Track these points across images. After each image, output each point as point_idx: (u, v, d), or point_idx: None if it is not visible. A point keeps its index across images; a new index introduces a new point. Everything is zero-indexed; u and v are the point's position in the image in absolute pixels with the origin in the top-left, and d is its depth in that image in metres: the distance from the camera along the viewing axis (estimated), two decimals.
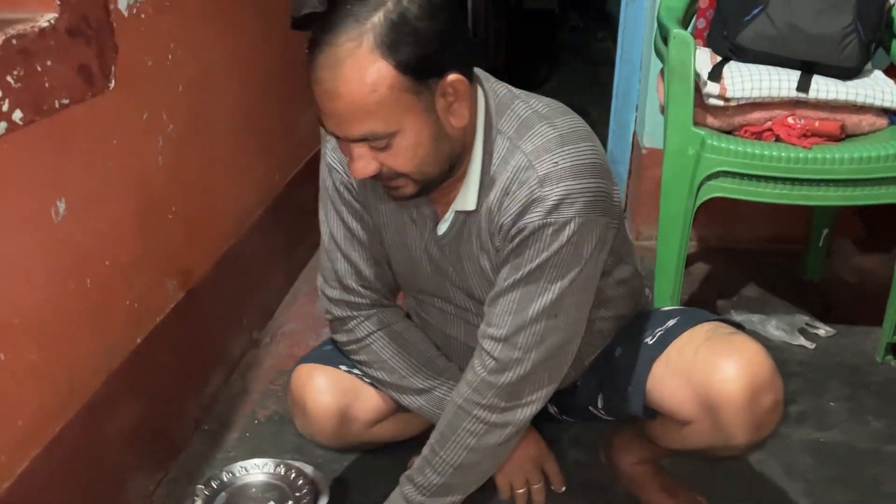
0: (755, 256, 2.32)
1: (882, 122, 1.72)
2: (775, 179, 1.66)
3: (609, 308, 1.20)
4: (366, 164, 0.94)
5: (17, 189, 1.02)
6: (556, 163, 0.98)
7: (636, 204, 2.43)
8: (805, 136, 1.69)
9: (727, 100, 1.73)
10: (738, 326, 1.21)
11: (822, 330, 1.93)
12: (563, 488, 1.30)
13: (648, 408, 1.17)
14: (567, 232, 0.98)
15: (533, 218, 0.98)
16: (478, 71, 1.05)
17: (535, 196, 0.98)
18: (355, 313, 1.20)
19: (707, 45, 1.89)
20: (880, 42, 1.80)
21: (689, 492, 1.35)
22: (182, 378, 1.52)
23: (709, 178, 1.71)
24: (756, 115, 1.75)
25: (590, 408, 1.26)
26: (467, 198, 1.03)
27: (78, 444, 1.17)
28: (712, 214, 2.32)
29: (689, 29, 2.00)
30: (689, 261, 2.29)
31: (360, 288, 1.19)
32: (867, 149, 1.63)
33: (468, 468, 1.07)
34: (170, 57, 1.39)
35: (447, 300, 1.18)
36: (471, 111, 0.99)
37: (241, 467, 1.29)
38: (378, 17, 0.88)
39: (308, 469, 1.26)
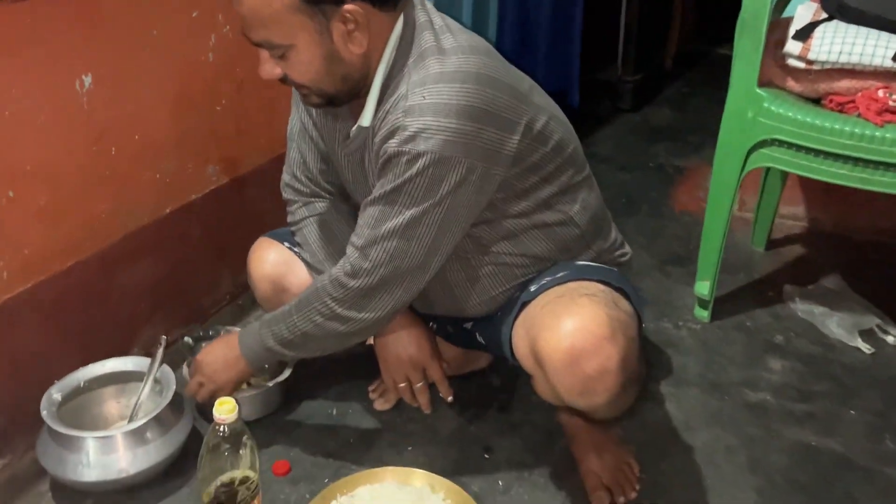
0: (868, 249, 2.08)
1: None
2: (833, 156, 1.49)
3: (517, 245, 1.21)
4: (270, 67, 1.07)
5: (47, 55, 1.23)
6: (423, 97, 1.02)
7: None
8: (893, 112, 1.48)
9: (809, 62, 1.56)
10: (625, 294, 1.18)
11: (892, 337, 1.72)
12: (450, 398, 1.33)
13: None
14: (419, 164, 1.02)
15: (392, 144, 1.04)
16: None
17: (399, 124, 1.03)
18: (297, 198, 1.35)
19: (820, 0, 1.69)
20: None
21: (621, 452, 1.33)
22: (217, 254, 1.72)
23: (761, 144, 1.56)
24: (844, 84, 1.56)
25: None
26: (365, 115, 1.11)
27: (89, 282, 1.40)
28: (831, 197, 2.12)
29: None
30: (792, 240, 2.13)
31: (304, 178, 1.33)
32: None
33: (312, 338, 1.18)
34: None
35: None
36: (375, 39, 1.06)
37: (227, 328, 1.47)
38: None
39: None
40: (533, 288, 1.20)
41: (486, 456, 1.39)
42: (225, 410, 1.05)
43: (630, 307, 1.17)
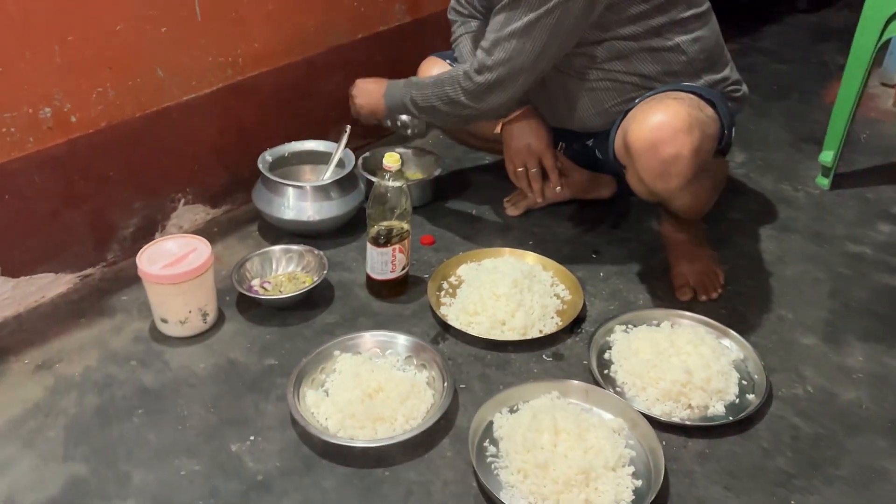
0: None
1: None
2: None
3: (627, 65, 1.42)
4: None
5: None
6: None
7: None
8: None
9: None
10: (713, 104, 1.34)
11: None
12: (558, 188, 1.58)
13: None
14: None
15: None
16: None
17: None
18: (458, 18, 1.66)
19: None
20: None
21: (710, 262, 1.53)
22: None
23: None
24: None
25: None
26: None
27: (297, 79, 1.78)
28: None
29: None
30: None
31: (464, 1, 1.63)
32: None
33: (437, 112, 1.48)
34: None
35: None
36: None
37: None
38: None
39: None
40: (637, 100, 1.42)
41: (594, 256, 1.65)
42: (391, 160, 1.39)
43: (713, 113, 1.34)
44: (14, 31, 1.27)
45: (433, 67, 1.68)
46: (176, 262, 1.33)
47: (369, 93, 1.61)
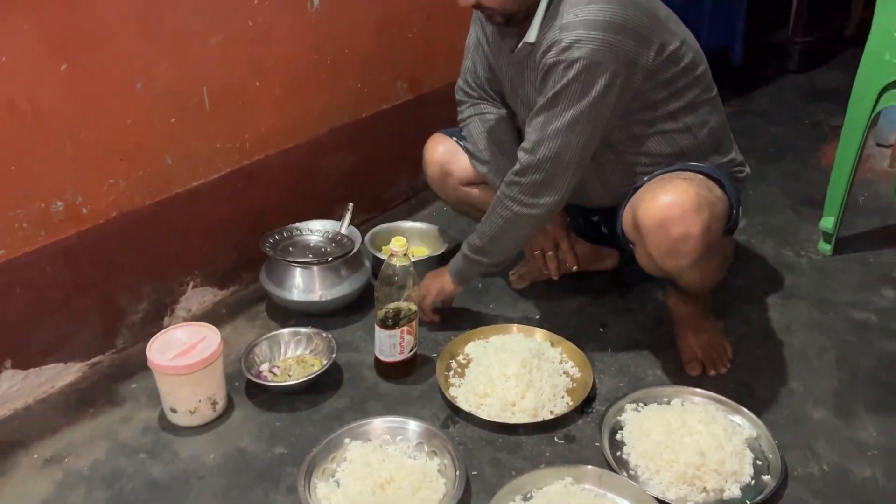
0: None
1: None
2: None
3: (639, 146, 1.45)
4: None
5: None
6: (576, 15, 1.28)
7: None
8: None
9: None
10: (721, 184, 1.38)
11: None
12: (575, 267, 1.62)
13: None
14: (574, 70, 1.28)
15: (550, 56, 1.31)
16: None
17: (556, 39, 1.30)
18: (467, 100, 1.66)
19: None
20: None
21: (717, 335, 1.54)
22: (398, 158, 2.10)
23: (893, 85, 1.68)
24: None
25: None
26: (531, 33, 1.37)
27: (303, 160, 1.82)
28: None
29: None
30: None
31: (474, 83, 1.64)
32: None
33: (499, 239, 1.47)
34: None
35: (520, 114, 1.56)
36: None
37: (308, 228, 1.76)
38: None
39: (356, 236, 1.71)
40: (645, 178, 1.44)
41: (601, 330, 1.65)
42: (398, 244, 1.40)
43: (722, 193, 1.38)
44: (26, 128, 1.30)
45: (439, 145, 1.71)
46: (185, 352, 1.34)
47: (440, 289, 1.58)
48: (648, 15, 1.34)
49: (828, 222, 1.89)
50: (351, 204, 1.76)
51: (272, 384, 1.44)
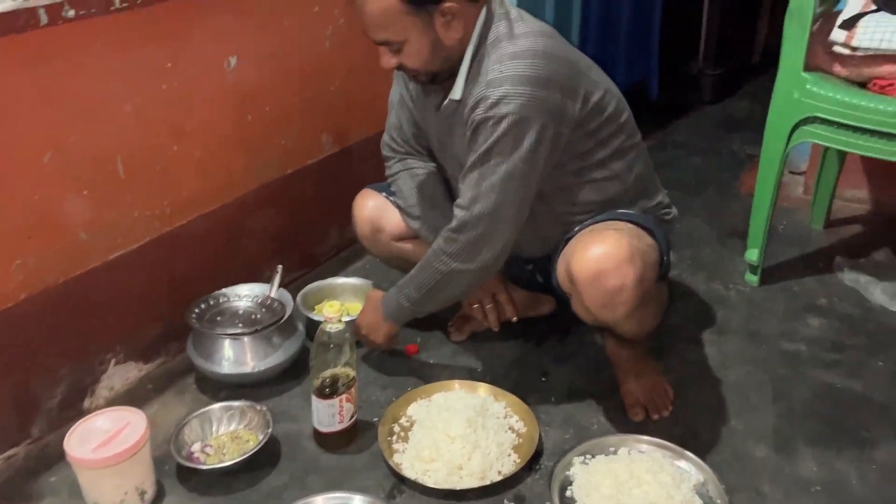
0: None
1: None
2: (870, 132, 1.65)
3: (570, 196, 1.45)
4: (387, 59, 1.34)
5: (202, 40, 1.58)
6: (502, 71, 1.28)
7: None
8: None
9: (853, 49, 1.72)
10: (650, 232, 1.40)
11: None
12: (515, 318, 1.61)
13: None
14: (504, 125, 1.27)
15: (479, 112, 1.30)
16: None
17: (483, 95, 1.29)
18: (394, 155, 1.64)
19: None
20: None
21: (658, 378, 1.55)
22: (328, 212, 2.05)
23: (804, 122, 1.74)
24: (886, 69, 1.72)
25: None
26: (457, 90, 1.37)
27: (229, 222, 1.75)
28: (893, 178, 2.23)
29: None
30: (851, 221, 2.27)
31: (400, 139, 1.62)
32: None
33: (437, 292, 1.44)
34: None
35: (449, 169, 1.55)
36: (467, 26, 1.32)
37: (236, 293, 1.69)
38: None
39: (287, 299, 1.65)
40: (577, 228, 1.45)
41: (543, 379, 1.64)
42: (332, 310, 1.36)
43: (653, 241, 1.39)
44: None
45: (368, 201, 1.68)
46: (108, 442, 1.25)
47: (375, 326, 1.56)
48: (572, 67, 1.35)
49: (752, 254, 1.94)
50: (280, 266, 1.70)
51: (205, 467, 1.36)
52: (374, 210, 1.66)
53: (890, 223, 2.24)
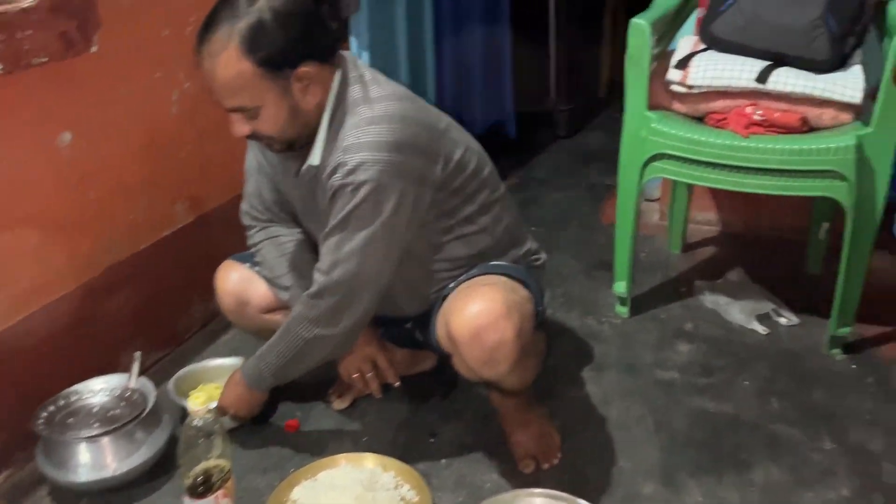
0: (770, 245, 2.34)
1: (846, 116, 1.73)
2: (712, 165, 1.75)
3: (441, 253, 1.44)
4: (240, 126, 1.29)
5: (31, 118, 1.45)
6: (359, 137, 1.26)
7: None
8: (758, 125, 1.75)
9: (689, 87, 1.82)
10: (525, 284, 1.41)
11: (785, 319, 1.97)
12: (397, 383, 1.56)
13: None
14: (362, 192, 1.25)
15: (337, 178, 1.27)
16: (346, 55, 1.34)
17: (340, 161, 1.27)
18: (255, 224, 1.57)
19: (699, 34, 1.97)
20: (861, 36, 1.78)
21: (544, 425, 1.55)
22: (188, 284, 1.93)
23: (653, 158, 1.82)
24: (720, 104, 1.82)
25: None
26: (315, 155, 1.33)
27: (76, 311, 1.60)
28: (737, 200, 2.38)
29: (692, 18, 2.08)
30: (705, 243, 2.39)
31: (260, 207, 1.55)
32: (801, 141, 1.67)
33: (300, 359, 1.41)
34: (189, 29, 1.77)
35: (315, 234, 1.51)
36: (324, 90, 1.29)
37: (90, 389, 1.55)
38: (243, 24, 1.20)
39: (148, 388, 1.54)
40: (452, 285, 1.43)
41: (432, 440, 1.60)
42: (198, 402, 1.26)
43: (527, 293, 1.40)
44: None
45: (231, 273, 1.59)
46: None
47: (238, 396, 1.50)
48: (431, 130, 1.35)
49: (620, 287, 2.00)
50: (138, 353, 1.57)
51: None
52: (238, 283, 1.58)
53: (739, 243, 2.39)
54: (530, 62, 3.30)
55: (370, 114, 1.27)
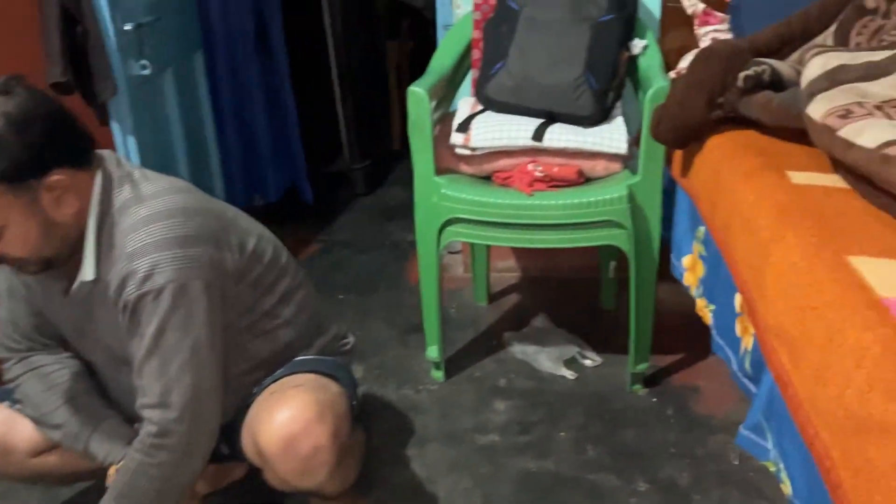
0: (568, 285, 2.44)
1: (616, 165, 1.83)
2: (502, 225, 1.78)
3: (243, 354, 1.33)
4: None
5: None
6: (141, 240, 1.13)
7: None
8: (541, 181, 1.81)
9: (473, 149, 1.85)
10: (334, 377, 1.34)
11: (590, 360, 2.04)
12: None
13: None
14: (167, 297, 1.12)
15: (130, 291, 1.13)
16: (106, 154, 1.20)
17: (129, 270, 1.12)
18: (12, 355, 1.36)
19: (475, 95, 2.01)
20: (619, 90, 1.92)
21: None
22: None
23: (448, 223, 1.82)
24: (503, 163, 1.87)
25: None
26: (87, 270, 1.17)
27: None
28: (532, 247, 2.44)
29: (468, 79, 2.14)
30: (508, 291, 2.42)
31: (16, 335, 1.34)
32: (580, 195, 1.74)
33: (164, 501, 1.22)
34: None
35: (94, 359, 1.34)
36: (82, 198, 1.15)
37: None
38: None
39: None
40: (255, 390, 1.32)
41: None
42: None
43: (339, 388, 1.32)
44: None
45: None
46: None
47: None
48: (218, 218, 1.24)
49: (433, 352, 1.98)
50: None
51: None
52: None
53: (539, 287, 2.47)
54: (319, 123, 3.26)
55: (147, 212, 1.14)
